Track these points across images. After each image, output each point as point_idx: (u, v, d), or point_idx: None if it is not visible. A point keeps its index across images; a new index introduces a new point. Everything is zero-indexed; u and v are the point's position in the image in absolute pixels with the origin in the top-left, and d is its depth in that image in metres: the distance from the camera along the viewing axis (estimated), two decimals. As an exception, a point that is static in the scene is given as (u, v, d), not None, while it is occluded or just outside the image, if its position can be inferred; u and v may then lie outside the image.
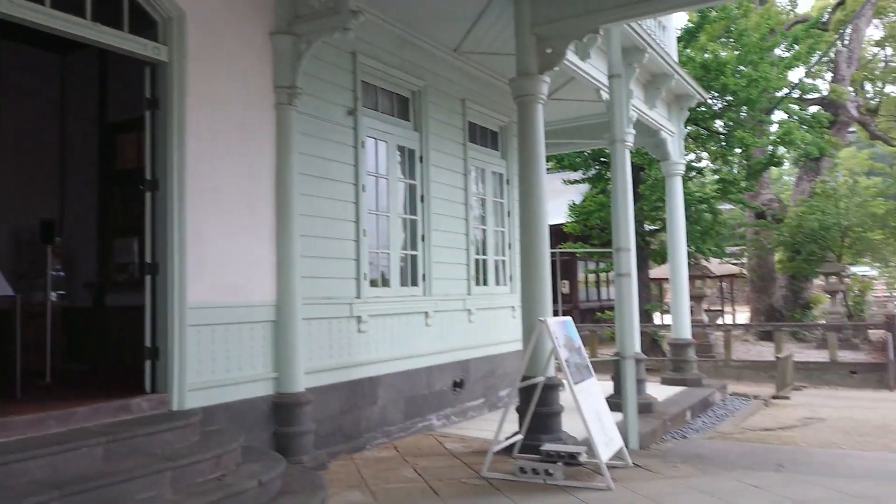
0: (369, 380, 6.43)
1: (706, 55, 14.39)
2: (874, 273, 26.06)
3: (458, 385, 7.71)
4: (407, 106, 7.53)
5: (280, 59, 5.62)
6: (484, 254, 8.67)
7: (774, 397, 11.13)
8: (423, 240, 7.43)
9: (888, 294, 32.27)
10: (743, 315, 24.48)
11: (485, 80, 8.65)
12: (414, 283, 7.34)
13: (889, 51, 24.08)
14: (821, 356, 14.88)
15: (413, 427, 6.94)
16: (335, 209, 6.23)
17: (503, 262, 9.05)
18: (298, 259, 5.59)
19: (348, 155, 6.44)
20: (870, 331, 17.40)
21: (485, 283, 8.60)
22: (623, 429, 6.30)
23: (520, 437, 5.72)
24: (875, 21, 23.65)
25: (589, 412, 5.24)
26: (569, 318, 6.06)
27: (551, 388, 5.82)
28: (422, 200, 7.47)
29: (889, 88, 24.46)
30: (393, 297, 6.96)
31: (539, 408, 5.72)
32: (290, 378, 5.47)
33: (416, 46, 7.36)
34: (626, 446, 6.03)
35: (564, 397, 5.71)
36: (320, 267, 6.00)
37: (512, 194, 9.00)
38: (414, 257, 7.38)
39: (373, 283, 6.75)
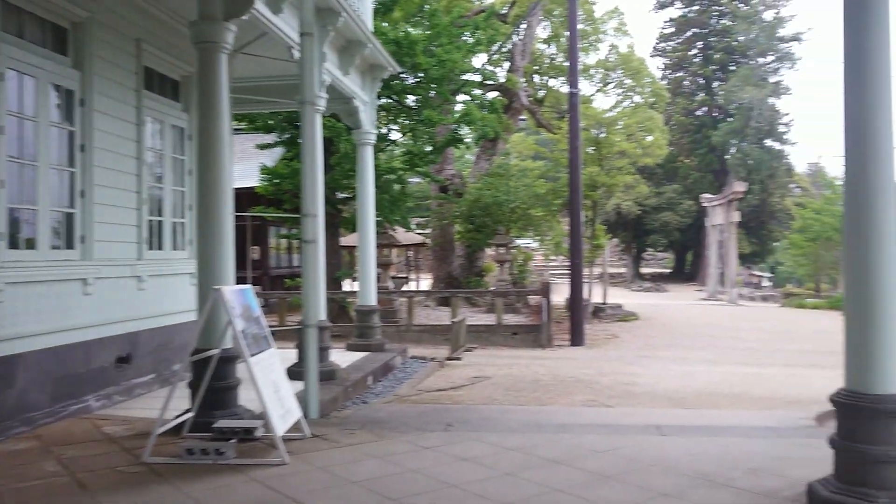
0: (2, 360, 5.40)
1: (400, 32, 14.81)
2: (536, 245, 29.66)
3: (123, 360, 6.90)
4: (65, 39, 6.43)
5: None
6: (160, 215, 7.87)
7: (449, 359, 11.99)
8: (82, 196, 6.46)
9: (545, 264, 37.00)
10: (426, 282, 26.19)
11: (167, 23, 7.77)
12: (70, 246, 6.36)
13: (554, 48, 27.23)
14: (489, 319, 16.47)
15: (64, 411, 6.03)
16: (-41, 153, 5.08)
17: (182, 224, 8.32)
18: None
19: (-20, 87, 5.28)
20: (530, 297, 19.75)
21: (160, 248, 7.82)
22: (304, 399, 6.19)
23: (191, 414, 5.27)
24: (544, 20, 26.56)
25: (265, 384, 4.99)
26: (248, 286, 5.71)
27: (228, 360, 5.45)
28: (82, 150, 6.47)
29: (552, 82, 27.74)
30: (41, 262, 5.94)
31: (214, 382, 5.33)
32: None
33: (78, -32, 6.30)
34: (307, 416, 5.92)
35: (245, 370, 5.39)
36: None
37: (194, 151, 8.27)
38: (71, 216, 6.38)
39: (13, 245, 5.67)
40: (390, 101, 15.84)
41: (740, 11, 47.74)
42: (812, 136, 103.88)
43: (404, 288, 21.64)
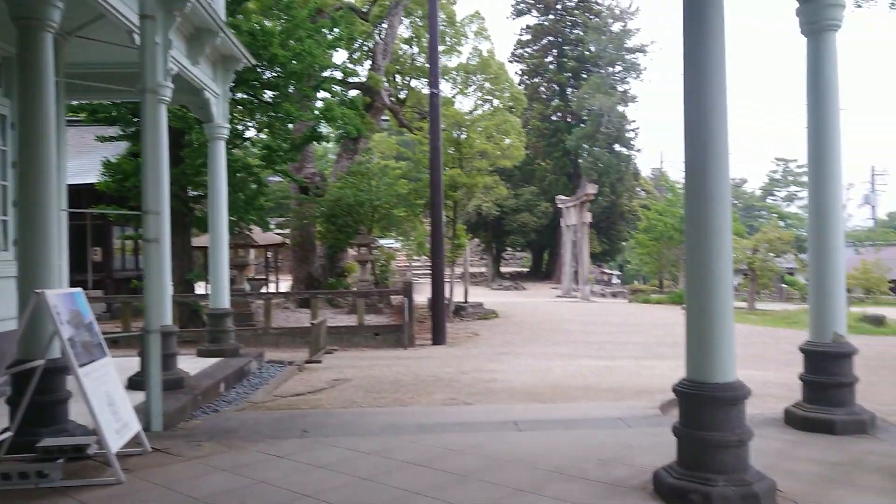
0: None
1: (256, 25, 14.23)
2: (399, 245, 29.67)
3: (-69, 375, 6.09)
4: None
5: None
6: (-23, 211, 7.05)
7: (308, 362, 11.64)
8: None
9: (408, 264, 37.12)
10: (286, 283, 25.45)
11: (-18, -4, 6.95)
12: None
13: (416, 49, 27.36)
14: (351, 320, 16.24)
15: None
16: None
17: (5, 222, 7.50)
18: None
19: None
20: (392, 297, 19.68)
21: (-23, 248, 7.00)
22: (146, 410, 5.73)
23: (9, 434, 4.71)
24: (405, 20, 26.63)
25: (97, 396, 4.55)
26: (78, 290, 5.19)
27: (54, 371, 4.91)
28: None
29: (415, 83, 27.87)
30: None
31: (38, 396, 4.78)
32: None
33: None
34: (149, 429, 5.49)
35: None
36: None
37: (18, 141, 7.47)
38: None
39: None
40: (247, 96, 15.19)
41: (591, 22, 50.33)
42: (655, 143, 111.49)
43: (263, 290, 20.88)
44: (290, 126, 15.76)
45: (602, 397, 8.52)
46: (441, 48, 25.33)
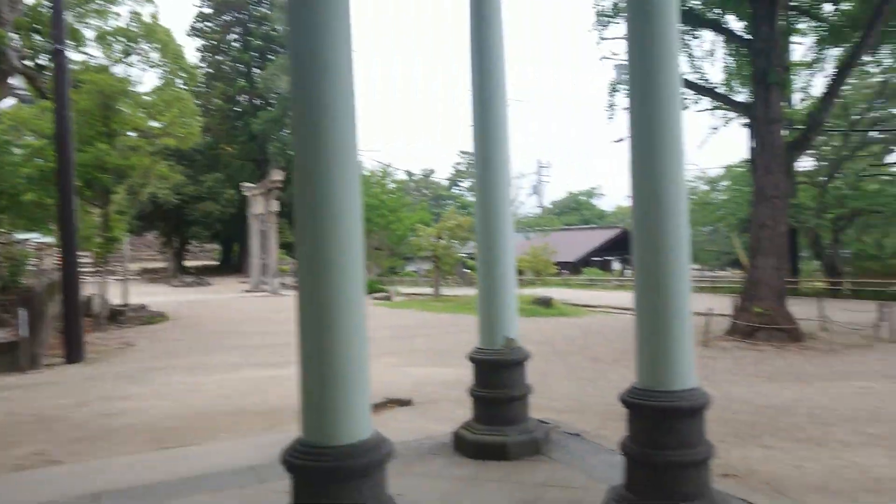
0: None
1: None
2: (51, 240, 24.76)
3: None
4: None
5: None
6: None
7: None
8: None
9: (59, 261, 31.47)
10: None
11: None
12: None
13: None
14: (-54, 340, 12.38)
15: None
16: None
17: None
18: None
19: None
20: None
21: None
22: None
23: None
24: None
25: None
26: None
27: None
28: None
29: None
30: None
31: None
32: None
33: None
34: None
35: None
36: None
37: None
38: None
39: None
40: None
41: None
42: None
43: None
44: None
45: (253, 425, 6.89)
46: (88, 7, 21.45)
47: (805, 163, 29.32)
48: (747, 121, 14.63)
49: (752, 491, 4.50)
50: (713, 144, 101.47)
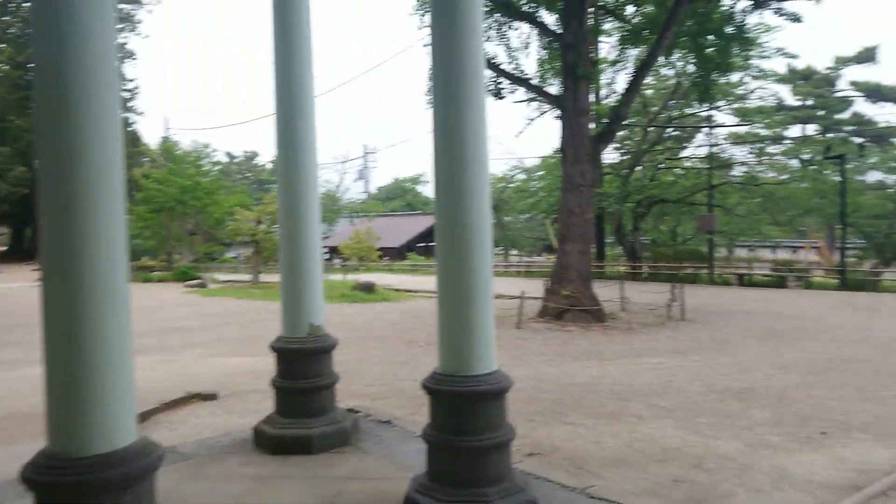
0: None
1: None
2: None
3: None
4: None
5: None
6: None
7: None
8: None
9: None
10: None
11: None
12: None
13: None
14: None
15: None
16: None
17: None
18: None
19: None
20: None
21: None
22: None
23: None
24: None
25: None
26: None
27: None
28: None
29: None
30: None
31: None
32: None
33: None
34: None
35: None
36: None
37: None
38: None
39: None
40: None
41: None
42: (165, 108, 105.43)
43: None
44: None
45: (27, 430, 6.06)
46: None
47: (610, 155, 31.62)
48: (559, 112, 15.29)
49: (554, 468, 4.60)
50: (532, 135, 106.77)
